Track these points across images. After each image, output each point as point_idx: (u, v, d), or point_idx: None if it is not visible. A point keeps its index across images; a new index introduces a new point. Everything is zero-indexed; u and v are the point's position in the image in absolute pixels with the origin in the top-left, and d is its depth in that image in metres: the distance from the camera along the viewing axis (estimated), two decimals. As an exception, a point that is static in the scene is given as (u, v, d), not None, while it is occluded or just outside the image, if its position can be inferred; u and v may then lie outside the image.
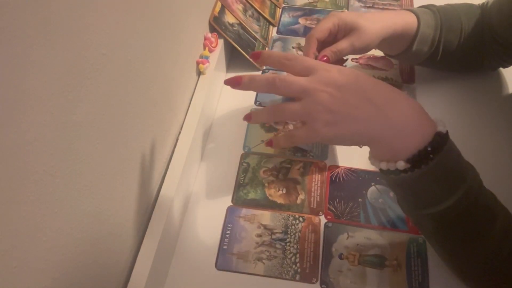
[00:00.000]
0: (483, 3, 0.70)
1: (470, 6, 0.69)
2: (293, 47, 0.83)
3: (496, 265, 0.47)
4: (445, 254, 0.52)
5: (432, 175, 0.44)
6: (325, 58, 0.58)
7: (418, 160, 0.43)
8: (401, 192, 0.49)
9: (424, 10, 0.66)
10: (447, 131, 0.45)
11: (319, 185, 0.65)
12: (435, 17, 0.65)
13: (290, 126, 0.71)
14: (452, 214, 0.45)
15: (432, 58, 0.68)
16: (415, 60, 0.70)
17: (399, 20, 0.63)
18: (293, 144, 0.51)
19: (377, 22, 0.61)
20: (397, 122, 0.44)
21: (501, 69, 0.76)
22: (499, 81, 0.76)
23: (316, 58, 0.58)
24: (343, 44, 0.59)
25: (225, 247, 0.59)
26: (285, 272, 0.57)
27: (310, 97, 0.45)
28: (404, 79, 0.76)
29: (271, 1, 0.90)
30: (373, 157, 0.48)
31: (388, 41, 0.62)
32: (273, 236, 0.60)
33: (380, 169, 0.47)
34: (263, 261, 0.58)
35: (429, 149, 0.43)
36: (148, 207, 0.56)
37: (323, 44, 0.60)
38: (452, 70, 0.74)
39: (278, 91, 0.48)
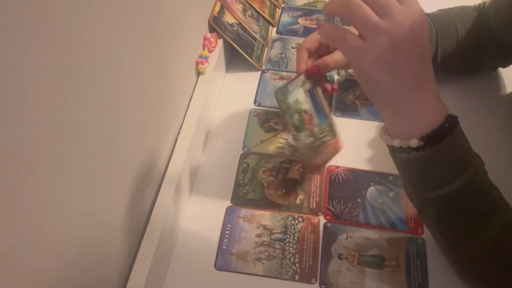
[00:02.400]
0: (479, 4, 0.70)
1: (464, 9, 0.69)
2: (292, 47, 0.83)
3: (494, 258, 0.48)
4: (445, 244, 0.52)
5: (441, 156, 0.44)
6: (316, 67, 0.57)
7: (431, 138, 0.44)
8: (408, 173, 0.49)
9: None
10: (456, 116, 0.46)
11: (318, 185, 0.65)
12: (429, 27, 0.66)
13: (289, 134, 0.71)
14: (456, 199, 0.46)
15: None
16: None
17: None
18: (337, 40, 0.45)
19: None
20: (423, 98, 0.44)
21: (500, 69, 0.76)
22: (498, 81, 0.76)
23: (307, 67, 0.58)
24: (335, 55, 0.58)
25: (224, 247, 0.59)
26: (284, 272, 0.57)
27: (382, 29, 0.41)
28: None
29: (271, 1, 0.90)
30: (385, 134, 0.48)
31: None
32: (273, 236, 0.60)
33: (392, 147, 0.47)
34: (262, 261, 0.58)
35: (447, 124, 0.43)
36: (147, 207, 0.56)
37: (318, 55, 0.60)
38: (453, 73, 0.74)
39: (351, 15, 0.43)
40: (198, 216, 0.62)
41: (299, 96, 0.56)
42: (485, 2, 0.69)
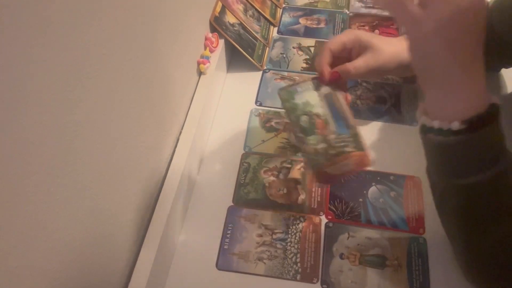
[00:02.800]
0: None
1: None
2: (293, 47, 0.83)
3: (504, 255, 0.47)
4: (459, 235, 0.51)
5: (479, 143, 0.44)
6: (336, 74, 0.57)
7: (474, 123, 0.43)
8: (439, 157, 0.47)
9: None
10: (499, 104, 0.44)
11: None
12: None
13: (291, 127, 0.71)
14: (484, 189, 0.45)
15: None
16: None
17: None
18: (395, 7, 0.43)
19: (393, 45, 0.59)
20: (474, 79, 0.43)
21: (503, 70, 0.76)
22: (499, 82, 0.76)
23: (328, 73, 0.57)
24: (357, 63, 0.58)
25: (226, 247, 0.59)
26: (286, 272, 0.57)
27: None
28: (406, 78, 0.76)
29: (272, 1, 0.90)
30: (424, 114, 0.47)
31: (404, 67, 0.60)
32: (274, 236, 0.60)
33: (429, 128, 0.46)
34: (264, 261, 0.58)
35: (491, 111, 0.43)
36: (148, 207, 0.56)
37: (338, 60, 0.59)
38: None
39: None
40: (199, 216, 0.62)
41: (311, 98, 0.55)
42: (488, 2, 0.68)
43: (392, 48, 0.59)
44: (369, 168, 0.65)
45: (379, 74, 0.60)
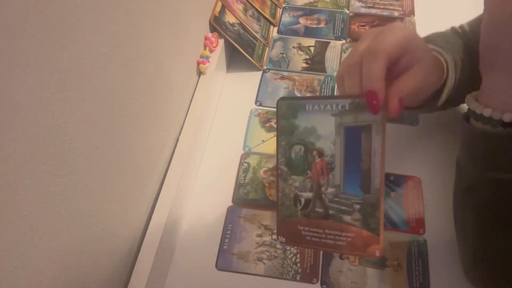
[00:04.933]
0: (456, 29, 0.60)
1: (451, 36, 0.58)
2: (293, 47, 0.83)
3: None
4: (474, 233, 0.49)
5: None
6: (402, 102, 0.38)
7: None
8: (480, 146, 0.46)
9: (439, 50, 0.51)
10: None
11: (319, 185, 0.64)
12: (451, 56, 0.51)
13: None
14: None
15: (449, 103, 0.55)
16: (431, 111, 0.58)
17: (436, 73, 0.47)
18: None
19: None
20: None
21: None
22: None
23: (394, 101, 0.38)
24: (414, 83, 0.40)
25: (225, 247, 0.59)
26: (286, 272, 0.57)
27: None
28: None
29: (272, 1, 0.90)
30: (475, 100, 0.45)
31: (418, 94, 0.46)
32: (274, 236, 0.60)
33: (478, 115, 0.44)
34: (264, 261, 0.58)
35: None
36: (148, 207, 0.56)
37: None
38: (460, 100, 0.56)
39: None
40: (199, 216, 0.62)
41: (322, 126, 0.38)
42: (462, 26, 0.61)
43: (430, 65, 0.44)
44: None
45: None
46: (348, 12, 0.89)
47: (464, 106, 0.50)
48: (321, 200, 0.38)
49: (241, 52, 0.76)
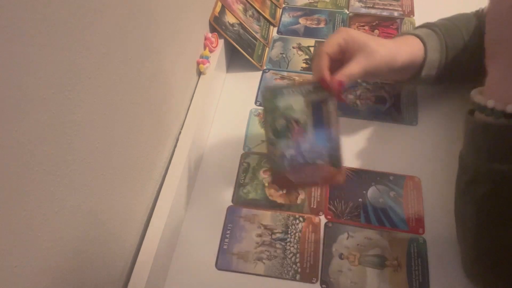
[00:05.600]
0: (477, 11, 0.68)
1: (466, 17, 0.67)
2: (293, 47, 0.83)
3: None
4: (476, 227, 0.50)
5: None
6: (341, 85, 0.53)
7: None
8: (482, 138, 0.47)
9: (429, 32, 0.63)
10: None
11: (319, 185, 0.65)
12: (439, 39, 0.63)
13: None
14: None
15: (440, 79, 0.65)
16: (423, 83, 0.67)
17: (407, 48, 0.60)
18: None
19: (388, 48, 0.58)
20: None
21: None
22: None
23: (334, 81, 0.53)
24: (355, 69, 0.55)
25: (225, 247, 0.59)
26: (285, 272, 0.57)
27: None
28: (396, 82, 0.76)
29: (272, 1, 0.90)
30: (479, 93, 0.46)
31: (395, 70, 0.60)
32: (273, 236, 0.60)
33: (481, 107, 0.46)
34: (263, 261, 0.58)
35: None
36: (148, 207, 0.56)
37: (334, 62, 0.56)
38: (460, 82, 0.68)
39: None
40: (199, 216, 0.62)
41: (296, 103, 0.52)
42: (483, 9, 0.67)
43: (386, 51, 0.58)
44: (368, 168, 0.66)
45: (371, 77, 0.60)
46: (347, 12, 0.89)
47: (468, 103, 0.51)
48: (300, 153, 0.51)
49: (241, 52, 0.76)
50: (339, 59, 0.57)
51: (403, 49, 0.60)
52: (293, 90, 0.52)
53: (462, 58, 0.64)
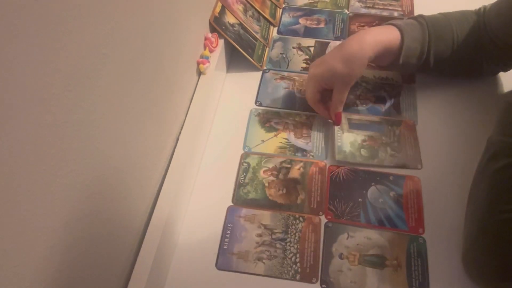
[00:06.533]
0: (479, 9, 0.70)
1: (463, 13, 0.70)
2: (293, 47, 0.83)
3: None
4: (484, 202, 0.52)
5: None
6: (339, 114, 0.68)
7: None
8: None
9: (411, 22, 0.68)
10: None
11: (319, 184, 0.65)
12: (422, 29, 0.67)
13: (290, 127, 0.71)
14: None
15: (424, 67, 0.69)
16: (405, 70, 0.74)
17: (383, 38, 0.66)
18: None
19: (351, 60, 0.65)
20: None
21: (500, 74, 0.76)
22: (498, 83, 0.76)
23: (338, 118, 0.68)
24: (340, 97, 0.66)
25: (225, 246, 0.59)
26: (285, 272, 0.57)
27: None
28: (405, 79, 0.76)
29: (272, 1, 0.90)
30: None
31: (374, 58, 0.66)
32: (274, 236, 0.60)
33: None
34: (264, 261, 0.58)
35: None
36: (148, 207, 0.56)
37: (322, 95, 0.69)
38: (449, 76, 0.74)
39: None
40: (199, 216, 0.62)
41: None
42: (485, 7, 0.69)
43: (356, 61, 0.65)
44: (368, 168, 0.65)
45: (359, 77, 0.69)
46: (347, 12, 0.89)
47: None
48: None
49: (241, 53, 0.76)
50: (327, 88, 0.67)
51: (378, 39, 0.65)
52: (339, 136, 0.70)
53: (450, 50, 0.68)
